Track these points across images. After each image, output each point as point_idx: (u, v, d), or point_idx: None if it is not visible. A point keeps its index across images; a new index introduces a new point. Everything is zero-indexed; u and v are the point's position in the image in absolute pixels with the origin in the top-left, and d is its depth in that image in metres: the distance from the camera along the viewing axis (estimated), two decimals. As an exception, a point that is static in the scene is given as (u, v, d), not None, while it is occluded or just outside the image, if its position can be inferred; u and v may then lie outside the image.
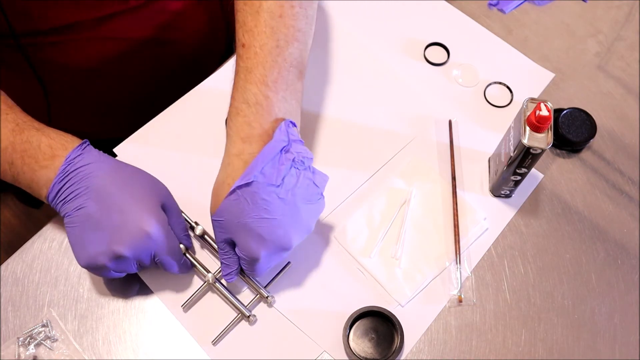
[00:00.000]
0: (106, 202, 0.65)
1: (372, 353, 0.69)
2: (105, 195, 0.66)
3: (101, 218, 0.65)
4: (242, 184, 0.63)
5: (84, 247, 0.66)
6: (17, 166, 0.66)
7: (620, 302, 0.75)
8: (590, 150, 0.85)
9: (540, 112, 0.67)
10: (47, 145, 0.66)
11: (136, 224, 0.65)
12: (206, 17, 0.96)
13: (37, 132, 0.67)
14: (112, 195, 0.66)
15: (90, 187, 0.65)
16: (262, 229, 0.65)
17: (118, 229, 0.65)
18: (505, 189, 0.78)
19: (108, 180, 0.67)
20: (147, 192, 0.68)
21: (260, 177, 0.63)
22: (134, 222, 0.65)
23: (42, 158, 0.66)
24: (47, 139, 0.67)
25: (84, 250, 0.66)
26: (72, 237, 0.66)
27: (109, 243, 0.64)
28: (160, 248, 0.67)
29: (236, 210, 0.65)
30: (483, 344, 0.72)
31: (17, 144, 0.66)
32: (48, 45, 0.81)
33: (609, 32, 0.95)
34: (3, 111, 0.68)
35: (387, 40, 0.92)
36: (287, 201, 0.65)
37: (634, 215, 0.81)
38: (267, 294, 0.72)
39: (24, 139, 0.66)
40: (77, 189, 0.65)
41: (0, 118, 0.67)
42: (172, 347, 0.71)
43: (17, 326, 0.71)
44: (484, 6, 0.96)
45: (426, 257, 0.76)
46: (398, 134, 0.84)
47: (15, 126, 0.67)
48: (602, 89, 0.90)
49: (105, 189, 0.66)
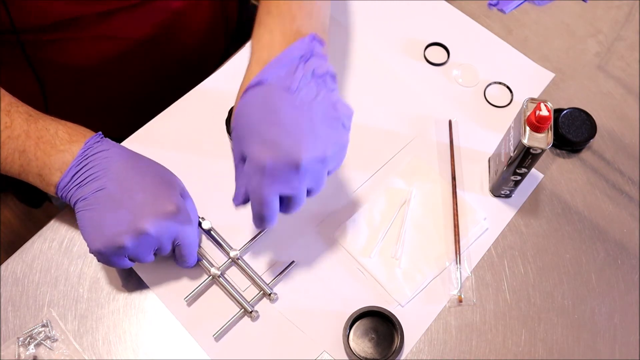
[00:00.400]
0: (128, 183, 0.65)
1: (372, 353, 0.69)
2: (126, 177, 0.65)
3: (122, 198, 0.64)
4: (253, 84, 0.61)
5: (101, 228, 0.64)
6: (29, 153, 0.65)
7: (620, 302, 0.75)
8: (590, 150, 0.85)
9: (540, 112, 0.67)
10: (64, 132, 0.66)
11: (161, 201, 0.65)
12: (206, 17, 0.96)
13: (54, 122, 0.67)
14: (134, 177, 0.66)
15: (110, 170, 0.65)
16: (269, 134, 0.59)
17: (142, 206, 0.64)
18: (505, 189, 0.78)
19: (129, 164, 0.67)
20: (167, 178, 0.69)
21: (273, 79, 0.61)
22: (159, 199, 0.65)
23: (59, 143, 0.65)
24: (64, 127, 0.67)
25: (100, 231, 0.64)
26: (86, 220, 0.64)
27: (131, 221, 0.63)
28: (182, 230, 0.67)
29: (247, 114, 0.61)
30: (483, 344, 0.72)
31: (31, 132, 0.65)
32: (48, 43, 0.81)
33: (609, 32, 0.95)
34: (14, 104, 0.67)
35: (387, 40, 0.92)
36: (301, 112, 0.60)
37: (634, 215, 0.81)
38: (270, 291, 0.72)
39: (40, 126, 0.66)
40: (96, 172, 0.65)
41: (11, 110, 0.66)
42: (172, 347, 0.71)
43: (17, 326, 0.71)
44: (484, 6, 0.96)
45: (426, 257, 0.76)
46: (398, 134, 0.84)
47: (29, 116, 0.67)
48: (602, 89, 0.90)
49: (126, 172, 0.66)
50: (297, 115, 0.61)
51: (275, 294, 0.72)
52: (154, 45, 0.90)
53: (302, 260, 0.75)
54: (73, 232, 0.76)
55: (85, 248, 0.75)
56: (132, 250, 0.65)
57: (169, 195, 0.66)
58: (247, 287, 0.74)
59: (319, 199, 0.79)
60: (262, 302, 0.73)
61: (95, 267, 0.74)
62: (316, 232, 0.77)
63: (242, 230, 0.76)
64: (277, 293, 0.73)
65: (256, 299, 0.72)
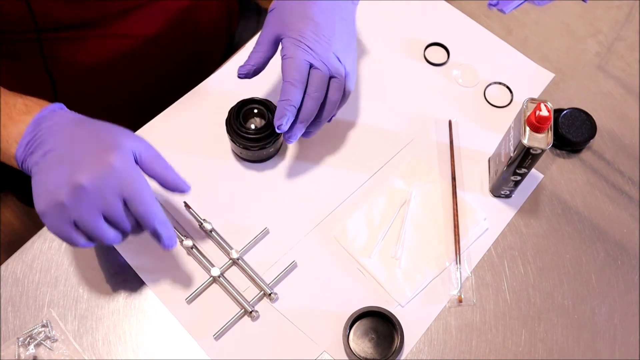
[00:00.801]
0: (73, 140, 0.62)
1: (372, 353, 0.69)
2: (73, 137, 0.63)
3: (65, 154, 0.61)
4: None
5: (45, 187, 0.61)
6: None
7: (620, 302, 0.75)
8: (590, 150, 0.85)
9: (540, 112, 0.67)
10: (22, 104, 0.65)
11: (99, 154, 0.61)
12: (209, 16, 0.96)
13: (14, 95, 0.66)
14: (80, 135, 0.63)
15: (60, 132, 0.63)
16: (313, 6, 0.70)
17: (80, 160, 0.61)
18: (505, 189, 0.78)
19: (79, 125, 0.64)
20: (119, 134, 0.64)
21: None
22: (97, 153, 0.61)
23: (15, 114, 0.64)
24: (23, 99, 0.65)
25: (44, 189, 0.61)
26: (36, 184, 0.62)
27: (68, 175, 0.60)
28: (127, 185, 0.61)
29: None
30: (483, 344, 0.72)
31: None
32: (63, 41, 0.81)
33: (609, 32, 0.95)
34: None
35: (387, 40, 0.92)
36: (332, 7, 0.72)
37: (634, 215, 0.81)
38: (270, 291, 0.72)
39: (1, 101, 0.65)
40: (47, 137, 0.63)
41: None
42: (172, 347, 0.71)
43: (17, 326, 0.71)
44: (484, 6, 0.96)
45: (426, 257, 0.76)
46: (398, 134, 0.84)
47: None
48: (602, 89, 0.90)
49: (75, 132, 0.63)
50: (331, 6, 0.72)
51: (276, 294, 0.73)
52: (160, 43, 0.90)
53: (302, 260, 0.75)
54: (73, 232, 0.76)
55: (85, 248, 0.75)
56: (73, 211, 0.60)
57: (111, 148, 0.61)
58: (247, 287, 0.74)
59: (319, 199, 0.79)
60: (262, 302, 0.73)
61: (95, 267, 0.74)
62: (316, 232, 0.77)
63: (243, 230, 0.76)
64: (277, 293, 0.73)
65: (256, 299, 0.72)
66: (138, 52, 0.89)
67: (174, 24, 0.89)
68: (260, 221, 0.77)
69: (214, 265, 0.73)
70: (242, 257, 0.75)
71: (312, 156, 0.82)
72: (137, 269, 0.74)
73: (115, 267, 0.74)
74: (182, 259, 0.75)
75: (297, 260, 0.75)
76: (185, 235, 0.75)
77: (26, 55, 0.83)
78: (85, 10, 0.78)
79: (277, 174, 0.80)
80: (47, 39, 0.81)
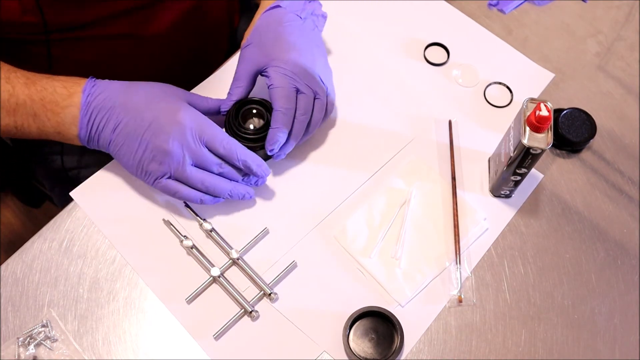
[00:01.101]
0: (135, 110, 0.69)
1: (372, 353, 0.69)
2: (131, 105, 0.70)
3: (134, 125, 0.69)
4: (273, 6, 0.77)
5: (131, 158, 0.70)
6: (40, 115, 0.70)
7: (620, 302, 0.75)
8: (590, 150, 0.85)
9: (540, 112, 0.67)
10: (61, 87, 0.70)
11: (166, 117, 0.69)
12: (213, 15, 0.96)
13: (49, 79, 0.71)
14: (137, 102, 0.70)
15: (115, 106, 0.70)
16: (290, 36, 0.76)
17: (153, 127, 0.69)
18: (505, 189, 0.78)
19: (128, 92, 0.71)
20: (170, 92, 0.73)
21: (287, 6, 0.78)
22: (164, 116, 0.69)
23: (60, 100, 0.70)
24: (59, 82, 0.71)
25: (132, 162, 0.70)
26: (120, 158, 0.71)
27: (151, 142, 0.69)
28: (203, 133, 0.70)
29: (264, 29, 0.77)
30: (483, 344, 0.72)
31: (33, 95, 0.70)
32: (69, 41, 0.82)
33: (609, 32, 0.95)
34: (11, 70, 0.71)
35: (387, 40, 0.92)
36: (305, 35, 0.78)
37: (634, 215, 0.81)
38: (270, 291, 0.72)
39: (39, 88, 0.70)
40: (104, 114, 0.70)
41: (10, 77, 0.70)
42: (172, 347, 0.71)
43: (17, 326, 0.71)
44: (484, 6, 0.96)
45: (426, 257, 0.76)
46: (398, 134, 0.84)
47: (27, 80, 0.71)
48: (602, 89, 0.90)
49: (128, 100, 0.70)
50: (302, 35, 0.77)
51: (276, 294, 0.73)
52: (164, 43, 0.90)
53: (302, 260, 0.75)
54: (73, 232, 0.76)
55: (85, 248, 0.75)
56: (175, 172, 0.70)
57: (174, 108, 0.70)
58: (247, 287, 0.74)
59: (319, 199, 0.79)
60: (262, 302, 0.73)
61: (95, 267, 0.74)
62: (316, 232, 0.77)
63: (243, 230, 0.76)
64: (277, 293, 0.73)
65: (256, 299, 0.72)
66: (142, 51, 0.89)
67: (178, 23, 0.89)
68: (260, 221, 0.77)
69: (214, 265, 0.73)
70: (242, 257, 0.75)
71: (313, 156, 0.82)
72: (137, 269, 0.74)
73: (114, 266, 0.75)
74: (182, 259, 0.75)
75: (297, 260, 0.75)
76: (185, 235, 0.75)
77: (32, 54, 0.83)
78: (93, 11, 0.79)
79: (277, 174, 0.80)
80: (54, 40, 0.81)
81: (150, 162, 0.70)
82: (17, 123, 0.71)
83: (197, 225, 0.76)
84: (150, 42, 0.88)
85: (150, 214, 0.77)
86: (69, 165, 0.97)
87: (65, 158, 0.97)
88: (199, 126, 0.70)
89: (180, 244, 0.75)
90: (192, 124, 0.70)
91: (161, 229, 0.76)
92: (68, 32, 0.81)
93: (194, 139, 0.70)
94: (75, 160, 0.96)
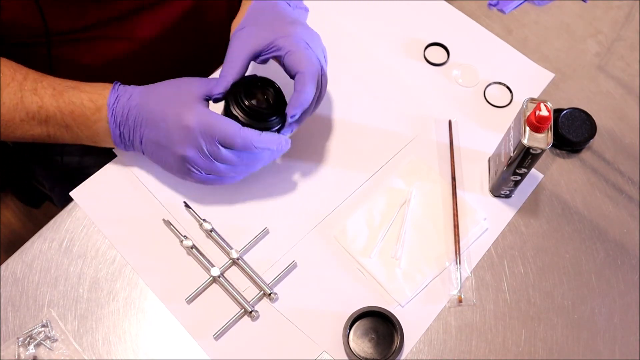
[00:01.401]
0: (153, 120, 0.70)
1: (372, 353, 0.69)
2: (149, 116, 0.70)
3: (155, 135, 0.70)
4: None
5: (163, 164, 0.72)
6: (72, 127, 0.72)
7: (620, 302, 0.75)
8: (590, 150, 0.85)
9: (540, 112, 0.67)
10: (88, 99, 0.71)
11: (177, 123, 0.68)
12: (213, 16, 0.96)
13: (75, 90, 0.72)
14: (153, 111, 0.70)
15: (136, 119, 0.71)
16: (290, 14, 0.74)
17: (169, 135, 0.69)
18: (505, 189, 0.78)
19: (144, 105, 0.71)
20: (181, 93, 0.71)
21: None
22: (175, 122, 0.69)
23: (90, 114, 0.71)
24: (85, 94, 0.72)
25: (166, 167, 0.72)
26: (156, 162, 0.73)
27: (171, 151, 0.69)
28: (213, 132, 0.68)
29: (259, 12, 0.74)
30: (483, 344, 0.72)
31: (62, 107, 0.71)
32: (69, 43, 0.82)
33: (609, 32, 0.95)
34: (37, 79, 0.72)
35: (387, 40, 0.92)
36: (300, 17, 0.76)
37: (634, 215, 0.81)
38: (270, 291, 0.72)
39: (67, 100, 0.71)
40: (130, 128, 0.71)
41: (37, 88, 0.71)
42: (172, 347, 0.71)
43: (17, 326, 0.71)
44: (484, 6, 0.96)
45: (426, 257, 0.76)
46: (398, 134, 0.84)
47: (53, 90, 0.72)
48: (602, 89, 0.90)
49: (146, 110, 0.70)
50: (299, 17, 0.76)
51: (275, 294, 0.73)
52: (165, 44, 0.90)
53: (302, 260, 0.75)
54: (73, 232, 0.76)
55: (85, 248, 0.75)
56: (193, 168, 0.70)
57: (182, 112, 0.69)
58: (247, 287, 0.74)
59: (319, 199, 0.79)
60: (262, 302, 0.73)
61: (95, 267, 0.74)
62: (316, 232, 0.77)
63: (243, 230, 0.76)
64: (277, 293, 0.73)
65: (256, 299, 0.72)
66: (142, 53, 0.89)
67: (178, 24, 0.89)
68: (260, 221, 0.77)
69: (214, 265, 0.73)
70: (242, 257, 0.75)
71: (312, 156, 0.82)
72: (137, 269, 0.74)
73: (114, 266, 0.75)
74: (182, 259, 0.75)
75: (297, 260, 0.75)
76: (185, 235, 0.75)
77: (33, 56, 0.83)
78: (95, 15, 0.79)
79: (277, 174, 0.80)
80: (55, 42, 0.81)
81: (179, 169, 0.71)
82: (50, 132, 0.72)
83: (197, 225, 0.76)
84: (151, 43, 0.88)
85: (150, 214, 0.77)
86: (69, 165, 0.97)
87: (65, 158, 0.97)
88: (207, 126, 0.68)
89: (180, 244, 0.75)
90: (200, 126, 0.68)
91: (161, 229, 0.76)
92: (69, 35, 0.81)
93: (206, 141, 0.68)
94: (75, 161, 0.96)
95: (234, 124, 0.68)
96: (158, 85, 0.73)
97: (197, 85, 0.72)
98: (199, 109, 0.69)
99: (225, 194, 0.79)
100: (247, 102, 0.70)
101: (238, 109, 0.70)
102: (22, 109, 0.71)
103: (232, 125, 0.68)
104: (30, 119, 0.71)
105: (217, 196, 0.78)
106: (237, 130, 0.68)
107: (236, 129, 0.68)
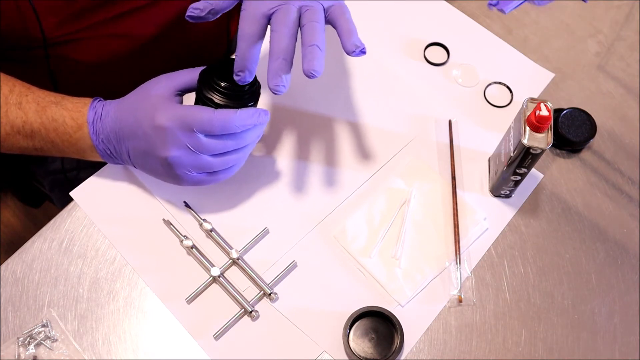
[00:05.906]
0: (130, 131, 0.69)
1: (372, 353, 0.69)
2: (126, 128, 0.69)
3: (136, 145, 0.69)
4: None
5: (150, 171, 0.71)
6: (58, 144, 0.72)
7: (620, 302, 0.75)
8: (590, 150, 0.85)
9: (540, 112, 0.67)
10: (70, 118, 0.71)
11: (150, 128, 0.67)
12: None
13: (57, 107, 0.71)
14: (128, 122, 0.69)
15: (116, 133, 0.70)
16: None
17: (148, 140, 0.68)
18: (505, 189, 0.78)
19: (120, 110, 0.70)
20: (150, 96, 0.70)
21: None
22: (149, 127, 0.68)
23: (72, 132, 0.71)
24: (66, 111, 0.71)
25: (153, 173, 0.72)
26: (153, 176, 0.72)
27: (153, 157, 0.68)
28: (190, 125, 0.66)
29: None
30: (483, 344, 0.72)
31: (46, 124, 0.71)
32: (66, 42, 0.82)
33: (609, 32, 0.95)
34: (22, 93, 0.72)
35: (387, 40, 0.92)
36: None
37: (634, 215, 0.81)
38: (270, 291, 0.72)
39: (49, 117, 0.71)
40: (113, 143, 0.71)
41: (22, 102, 0.71)
42: (172, 347, 0.71)
43: (17, 326, 0.71)
44: (484, 6, 0.96)
45: (426, 257, 0.76)
46: (398, 134, 0.84)
47: (37, 106, 0.71)
48: (602, 89, 0.90)
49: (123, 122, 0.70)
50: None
51: (276, 294, 0.73)
52: (162, 43, 0.90)
53: (302, 260, 0.75)
54: (73, 232, 0.76)
55: (85, 248, 0.75)
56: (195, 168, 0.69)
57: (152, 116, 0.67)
58: (247, 287, 0.74)
59: (319, 199, 0.79)
60: (262, 302, 0.73)
61: (95, 267, 0.74)
62: (316, 232, 0.77)
63: (243, 230, 0.76)
64: (277, 293, 0.73)
65: (256, 299, 0.72)
66: (139, 51, 0.89)
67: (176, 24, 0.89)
68: (260, 221, 0.77)
69: (214, 265, 0.73)
70: (242, 257, 0.75)
71: (312, 156, 0.82)
72: (137, 269, 0.74)
73: (114, 266, 0.75)
74: (182, 259, 0.75)
75: (297, 260, 0.75)
76: (185, 235, 0.75)
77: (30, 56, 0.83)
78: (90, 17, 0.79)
79: (277, 174, 0.80)
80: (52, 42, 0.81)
81: (169, 174, 0.69)
82: (37, 146, 0.72)
83: (197, 225, 0.76)
84: (148, 42, 0.88)
85: (150, 214, 0.77)
86: (68, 166, 0.97)
87: (65, 159, 0.97)
88: (181, 119, 0.66)
89: (180, 244, 0.75)
90: (174, 122, 0.66)
91: (161, 229, 0.76)
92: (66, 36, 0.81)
93: (184, 135, 0.67)
94: (75, 161, 0.96)
95: (206, 108, 0.67)
96: (129, 96, 0.72)
97: (164, 83, 0.71)
98: (168, 106, 0.68)
99: (225, 194, 0.79)
100: (223, 84, 0.68)
101: (212, 91, 0.68)
102: (6, 123, 0.71)
103: (205, 109, 0.67)
104: (16, 133, 0.71)
105: (217, 196, 0.78)
106: (212, 113, 0.66)
107: (210, 113, 0.66)
